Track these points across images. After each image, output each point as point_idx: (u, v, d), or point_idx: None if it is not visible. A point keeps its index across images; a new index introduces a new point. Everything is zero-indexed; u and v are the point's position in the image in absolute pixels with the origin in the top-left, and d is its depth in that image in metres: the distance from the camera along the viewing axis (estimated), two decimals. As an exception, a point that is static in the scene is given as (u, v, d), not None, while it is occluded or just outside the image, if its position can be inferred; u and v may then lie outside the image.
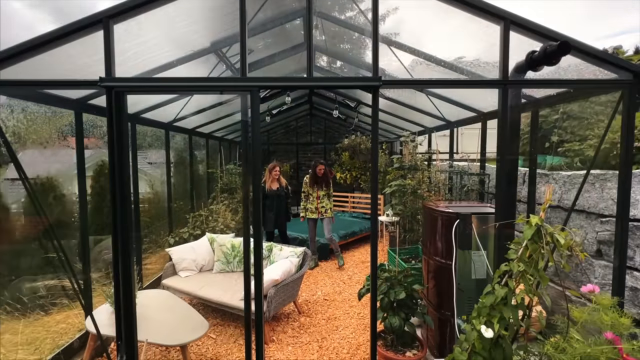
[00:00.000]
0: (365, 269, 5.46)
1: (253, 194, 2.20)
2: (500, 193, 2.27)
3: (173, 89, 1.94)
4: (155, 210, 5.36)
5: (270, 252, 4.03)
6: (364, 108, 6.56)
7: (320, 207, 5.50)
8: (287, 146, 9.94)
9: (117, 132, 1.95)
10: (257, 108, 1.99)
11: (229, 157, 8.50)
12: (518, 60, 2.26)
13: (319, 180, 5.46)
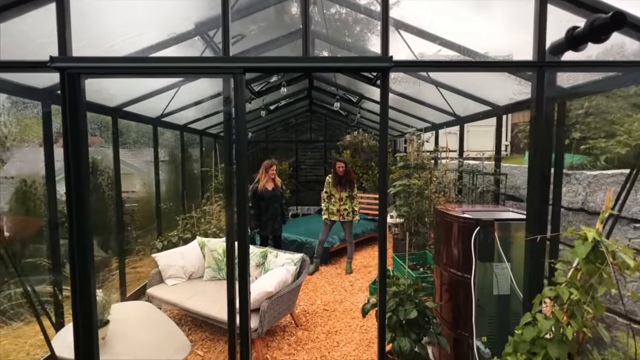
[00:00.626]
0: (368, 275, 5.12)
1: (237, 194, 1.86)
2: (534, 196, 1.92)
3: (139, 71, 1.60)
4: (144, 211, 5.02)
5: (264, 258, 3.69)
6: (366, 103, 6.20)
7: (343, 210, 5.14)
8: (286, 144, 9.58)
9: (72, 121, 1.60)
10: (241, 94, 1.65)
11: (225, 153, 8.16)
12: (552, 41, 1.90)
13: (342, 180, 5.10)
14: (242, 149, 1.71)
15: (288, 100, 7.11)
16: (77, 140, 1.59)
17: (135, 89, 3.54)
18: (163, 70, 1.62)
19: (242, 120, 1.66)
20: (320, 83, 6.23)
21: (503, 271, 2.28)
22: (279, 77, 4.28)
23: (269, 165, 4.78)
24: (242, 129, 1.67)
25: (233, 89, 1.62)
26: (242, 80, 1.62)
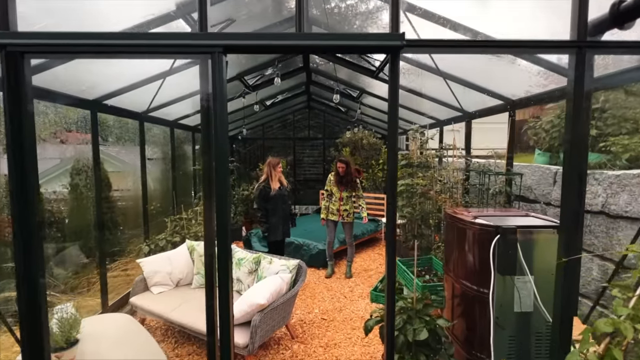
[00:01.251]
0: (368, 279, 4.84)
1: (217, 191, 1.58)
2: (569, 199, 1.63)
3: (97, 49, 1.31)
4: (131, 211, 4.73)
5: (257, 264, 3.40)
6: (367, 98, 5.90)
7: (342, 210, 4.85)
8: (284, 141, 9.28)
9: (14, 109, 1.31)
10: (221, 78, 1.36)
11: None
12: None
13: (343, 180, 4.78)
14: (222, 142, 1.42)
15: (285, 96, 6.81)
16: (19, 132, 1.30)
17: (117, 79, 3.24)
18: (126, 48, 1.33)
19: (222, 108, 1.37)
20: (318, 77, 5.92)
21: (525, 285, 2.01)
22: (274, 70, 3.98)
23: (276, 162, 4.32)
24: (222, 118, 1.38)
25: (211, 71, 1.34)
26: (221, 61, 1.34)
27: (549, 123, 4.41)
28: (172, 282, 3.61)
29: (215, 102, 1.36)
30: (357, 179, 4.86)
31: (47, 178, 4.92)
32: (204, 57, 1.37)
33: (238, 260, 3.51)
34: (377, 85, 4.94)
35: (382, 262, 5.60)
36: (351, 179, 4.79)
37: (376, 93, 5.28)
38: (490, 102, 3.73)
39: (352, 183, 4.80)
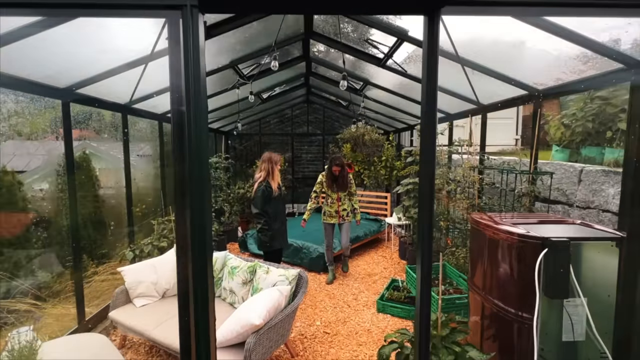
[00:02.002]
0: (373, 285, 4.50)
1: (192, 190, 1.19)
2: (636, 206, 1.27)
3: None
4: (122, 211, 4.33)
5: (253, 274, 3.03)
6: (370, 90, 5.51)
7: (342, 210, 4.53)
8: (282, 137, 8.89)
9: None
10: (196, 45, 0.98)
11: (214, 148, 7.45)
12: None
13: (338, 181, 4.44)
14: (199, 136, 1.05)
15: (283, 88, 6.41)
16: None
17: (92, 64, 2.84)
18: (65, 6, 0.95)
19: (199, 88, 1.00)
20: (318, 68, 5.53)
21: (576, 309, 1.65)
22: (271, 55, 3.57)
23: (277, 159, 3.78)
24: (198, 103, 1.01)
25: (182, 35, 0.96)
26: (196, 20, 0.96)
27: (570, 117, 4.07)
28: (158, 294, 3.24)
29: (188, 80, 0.99)
30: (349, 176, 4.56)
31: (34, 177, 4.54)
32: (173, 16, 0.99)
33: (231, 269, 3.14)
34: (382, 75, 4.56)
35: (387, 265, 5.25)
36: (345, 181, 4.47)
37: (381, 84, 4.90)
38: (509, 94, 3.36)
39: (346, 184, 4.50)
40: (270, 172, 3.67)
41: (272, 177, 3.69)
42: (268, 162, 3.70)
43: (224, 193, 6.42)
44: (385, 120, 7.28)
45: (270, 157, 3.71)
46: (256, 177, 3.74)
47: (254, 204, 3.60)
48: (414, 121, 5.92)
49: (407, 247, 5.15)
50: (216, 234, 5.73)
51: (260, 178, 3.67)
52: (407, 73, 3.91)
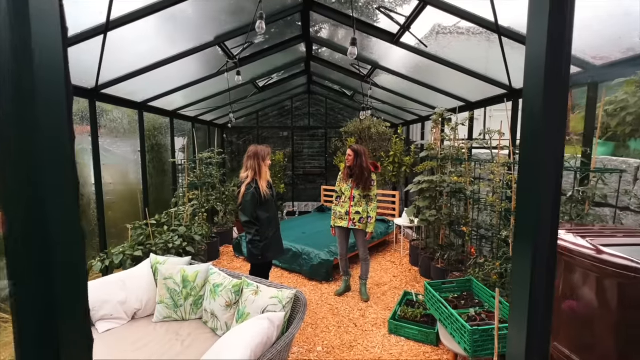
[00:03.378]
0: (382, 297, 3.94)
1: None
2: None
3: None
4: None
5: (239, 295, 2.48)
6: (379, 76, 4.90)
7: (353, 213, 3.65)
8: (281, 130, 8.30)
9: None
10: None
11: (207, 143, 6.89)
12: None
13: (352, 173, 3.61)
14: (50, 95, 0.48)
15: (281, 76, 5.82)
16: None
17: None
18: None
19: None
20: (321, 52, 4.92)
21: None
22: (256, 14, 2.94)
23: (265, 153, 3.06)
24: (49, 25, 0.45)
25: None
26: None
27: (619, 103, 3.45)
28: (127, 315, 2.69)
29: None
30: (371, 175, 3.63)
31: None
32: None
33: (213, 288, 2.59)
34: (395, 56, 3.95)
35: (396, 272, 4.69)
36: (362, 173, 3.55)
37: (392, 67, 4.29)
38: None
39: (365, 179, 3.56)
40: (257, 170, 3.03)
41: (260, 176, 3.03)
42: (254, 158, 3.01)
43: (217, 191, 5.87)
44: (393, 111, 6.67)
45: (257, 151, 3.03)
46: (242, 177, 3.06)
47: (243, 211, 2.95)
48: (428, 111, 5.31)
49: (421, 253, 4.58)
50: (208, 236, 5.19)
51: (248, 178, 3.00)
52: (428, 53, 3.31)
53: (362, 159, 3.56)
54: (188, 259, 3.01)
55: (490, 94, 3.77)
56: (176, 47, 3.23)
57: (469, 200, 3.45)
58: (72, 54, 1.57)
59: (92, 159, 3.31)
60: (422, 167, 4.26)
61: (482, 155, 4.03)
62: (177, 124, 5.74)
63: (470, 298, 2.78)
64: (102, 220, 3.41)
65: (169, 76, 3.86)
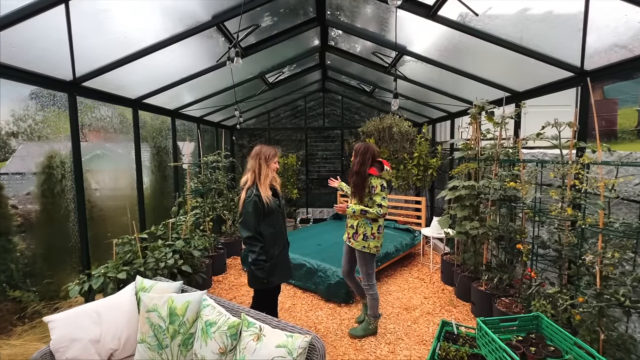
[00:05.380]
0: (414, 326, 3.28)
1: None
2: None
3: None
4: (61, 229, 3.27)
5: (236, 339, 1.90)
6: (405, 65, 4.27)
7: (348, 226, 2.97)
8: (294, 132, 7.76)
9: None
10: None
11: (215, 145, 6.42)
12: None
13: (352, 174, 2.84)
14: None
15: (294, 70, 5.27)
16: None
17: None
18: None
19: None
20: (338, 39, 4.34)
21: None
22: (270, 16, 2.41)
23: (270, 154, 2.45)
24: None
25: None
26: None
27: None
28: (100, 358, 2.16)
29: None
30: (371, 178, 2.78)
31: None
32: None
33: (205, 326, 2.02)
34: (425, 38, 3.32)
35: (427, 292, 4.01)
36: (360, 175, 2.77)
37: (423, 53, 3.64)
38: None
39: (359, 187, 2.78)
40: (257, 173, 2.41)
41: (260, 180, 2.41)
42: (255, 158, 2.41)
43: (223, 198, 5.36)
44: (417, 108, 6.01)
45: (260, 151, 2.43)
46: (242, 182, 2.46)
47: (243, 224, 2.35)
48: (459, 106, 4.63)
49: (456, 270, 3.90)
50: (213, 247, 4.67)
51: (247, 182, 2.40)
52: (472, 29, 2.66)
53: (363, 157, 2.78)
54: (179, 284, 2.46)
55: (545, 81, 3.09)
56: (167, 28, 2.72)
57: (524, 210, 2.76)
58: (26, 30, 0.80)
59: (72, 162, 2.83)
60: (460, 169, 3.59)
61: (526, 155, 3.34)
62: (184, 127, 5.28)
63: (542, 343, 2.10)
64: (85, 234, 2.91)
65: (164, 69, 3.38)
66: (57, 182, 2.82)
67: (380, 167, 2.84)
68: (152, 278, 2.72)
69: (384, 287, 4.19)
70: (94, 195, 3.25)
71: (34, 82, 2.48)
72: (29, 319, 3.05)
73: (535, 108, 4.68)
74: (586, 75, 2.58)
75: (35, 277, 3.03)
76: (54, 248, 2.92)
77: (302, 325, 3.31)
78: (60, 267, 3.13)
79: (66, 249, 2.91)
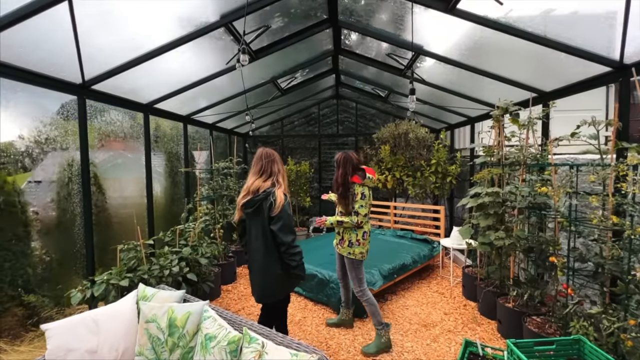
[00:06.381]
0: (434, 344, 3.01)
1: None
2: None
3: None
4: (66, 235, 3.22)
5: (236, 356, 1.73)
6: (421, 66, 4.09)
7: (336, 232, 2.97)
8: (307, 139, 7.67)
9: None
10: None
11: (227, 153, 6.39)
12: None
13: (337, 185, 2.86)
14: None
15: (307, 76, 5.20)
16: None
17: None
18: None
19: None
20: (351, 39, 4.23)
21: None
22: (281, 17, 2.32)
23: (279, 157, 2.40)
24: None
25: None
26: None
27: None
28: (96, 370, 2.04)
29: None
30: (354, 186, 2.78)
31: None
32: None
33: (205, 340, 1.87)
34: (443, 36, 3.15)
35: (447, 308, 3.72)
36: (344, 191, 2.80)
37: (441, 52, 3.47)
38: None
39: (343, 196, 2.79)
40: (277, 175, 2.31)
41: (285, 184, 2.31)
42: (274, 162, 2.32)
43: (235, 205, 5.26)
44: (434, 113, 5.79)
45: (273, 153, 2.35)
46: (264, 185, 2.24)
47: (288, 229, 2.17)
48: (480, 110, 4.39)
49: (479, 285, 3.60)
50: (223, 256, 4.56)
51: (282, 187, 2.25)
52: (494, 22, 2.48)
53: (341, 170, 2.82)
54: (181, 293, 2.33)
55: (576, 78, 2.84)
56: (175, 29, 2.68)
57: (557, 219, 2.49)
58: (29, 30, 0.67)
59: (80, 167, 2.79)
60: (482, 175, 3.34)
61: (555, 160, 3.06)
62: (199, 135, 5.28)
63: (585, 370, 1.82)
64: (91, 239, 2.85)
65: (175, 73, 3.35)
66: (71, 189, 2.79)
67: (363, 175, 2.81)
68: (155, 286, 2.61)
69: (401, 301, 3.93)
70: (113, 201, 3.22)
71: (43, 85, 2.46)
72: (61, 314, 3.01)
73: (559, 113, 4.37)
74: (627, 69, 2.33)
75: (50, 282, 3.00)
76: (67, 253, 2.87)
77: (313, 340, 3.10)
78: (73, 272, 3.09)
79: (81, 254, 2.85)
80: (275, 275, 2.30)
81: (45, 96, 2.83)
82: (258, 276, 2.35)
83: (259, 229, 2.28)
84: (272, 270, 2.28)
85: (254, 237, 2.32)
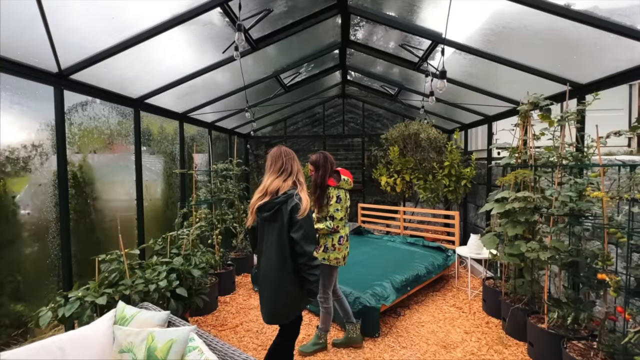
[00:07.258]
0: (456, 372, 2.62)
1: None
2: None
3: None
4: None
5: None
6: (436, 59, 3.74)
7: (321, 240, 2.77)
8: (311, 140, 7.33)
9: None
10: None
11: (227, 154, 6.07)
12: None
13: (316, 188, 2.67)
14: None
15: (311, 71, 4.87)
16: None
17: None
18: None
19: None
20: (360, 31, 3.90)
21: None
22: None
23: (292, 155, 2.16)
24: None
25: None
26: None
27: None
28: (58, 410, 1.69)
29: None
30: (329, 189, 2.65)
31: None
32: None
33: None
34: (463, 21, 2.81)
35: (468, 325, 3.34)
36: (320, 195, 2.64)
37: (461, 40, 3.12)
38: None
39: (320, 199, 2.65)
40: (297, 176, 2.05)
41: (304, 187, 2.04)
42: (293, 160, 2.08)
43: (234, 209, 4.93)
44: (447, 112, 5.43)
45: (290, 152, 2.12)
46: (285, 186, 1.96)
47: (310, 238, 1.90)
48: (500, 107, 4.03)
49: (505, 300, 3.22)
50: (221, 264, 4.21)
51: (304, 188, 2.00)
52: None
53: (321, 171, 2.62)
54: (165, 314, 1.98)
55: (625, 66, 2.47)
56: (163, 9, 2.36)
57: (608, 230, 2.12)
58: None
59: (56, 166, 2.47)
60: (508, 178, 2.97)
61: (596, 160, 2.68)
62: (199, 135, 4.97)
63: None
64: (68, 249, 2.51)
65: (167, 63, 3.03)
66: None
67: (338, 177, 2.68)
68: (138, 304, 2.27)
69: (415, 317, 3.55)
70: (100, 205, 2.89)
71: (10, 71, 2.14)
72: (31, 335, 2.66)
73: (603, 112, 3.93)
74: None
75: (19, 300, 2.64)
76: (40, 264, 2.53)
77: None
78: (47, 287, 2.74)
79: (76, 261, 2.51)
80: (290, 291, 1.96)
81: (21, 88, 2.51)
82: (269, 292, 2.00)
83: (274, 236, 1.94)
84: (286, 286, 1.94)
85: (267, 245, 1.98)
